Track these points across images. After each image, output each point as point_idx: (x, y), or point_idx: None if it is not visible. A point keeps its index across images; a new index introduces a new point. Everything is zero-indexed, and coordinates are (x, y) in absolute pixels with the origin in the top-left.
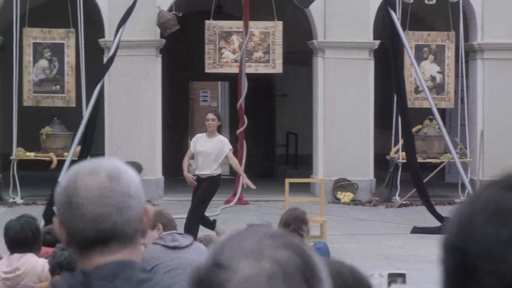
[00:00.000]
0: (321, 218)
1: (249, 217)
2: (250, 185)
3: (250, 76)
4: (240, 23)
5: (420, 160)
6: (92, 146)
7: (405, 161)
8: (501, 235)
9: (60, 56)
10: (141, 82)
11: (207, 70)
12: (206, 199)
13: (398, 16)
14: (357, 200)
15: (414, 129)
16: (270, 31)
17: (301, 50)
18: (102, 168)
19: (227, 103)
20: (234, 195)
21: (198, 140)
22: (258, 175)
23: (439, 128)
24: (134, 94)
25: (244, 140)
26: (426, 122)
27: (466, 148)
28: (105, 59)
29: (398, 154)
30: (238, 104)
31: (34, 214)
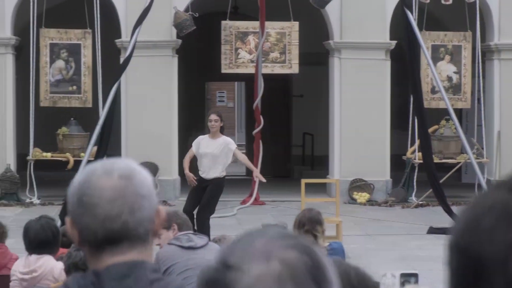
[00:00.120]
0: (337, 218)
1: (265, 217)
2: (261, 178)
3: (266, 76)
4: (256, 24)
5: (436, 160)
6: (108, 146)
7: (421, 161)
8: (507, 237)
9: (76, 56)
10: (157, 83)
11: (223, 71)
12: (211, 204)
13: (414, 16)
14: (373, 200)
15: (431, 129)
16: (287, 32)
17: (317, 50)
18: (115, 168)
19: (244, 104)
20: (251, 196)
21: (201, 141)
22: (274, 176)
23: (456, 128)
24: (150, 95)
25: (260, 140)
26: (443, 122)
27: (483, 148)
28: (121, 60)
29: (414, 154)
30: (254, 104)
31: (50, 214)
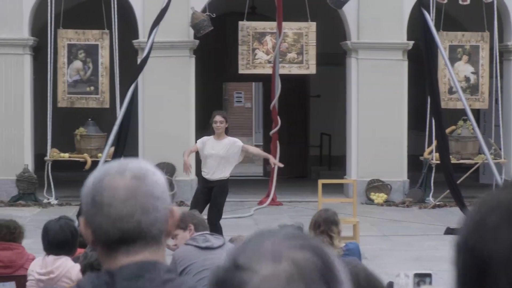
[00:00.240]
0: (354, 219)
1: (282, 218)
2: (278, 164)
3: (284, 77)
4: (273, 24)
5: (454, 161)
6: (125, 147)
7: (438, 162)
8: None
9: (94, 57)
10: (174, 83)
11: (241, 71)
12: (219, 209)
13: (432, 16)
14: (390, 201)
15: (448, 130)
16: (304, 32)
17: (334, 51)
18: (129, 168)
19: (261, 104)
20: (268, 196)
21: (206, 142)
22: (291, 176)
23: (473, 129)
24: (167, 95)
25: (277, 141)
26: (460, 123)
27: (500, 149)
28: (139, 60)
29: (432, 155)
30: (272, 105)
31: (68, 215)
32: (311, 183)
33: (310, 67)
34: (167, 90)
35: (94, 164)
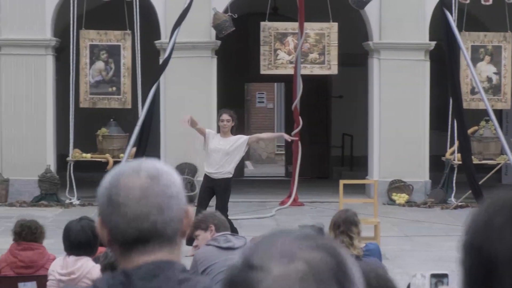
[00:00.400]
0: (375, 219)
1: (303, 218)
2: (290, 138)
3: (306, 77)
4: (295, 25)
5: (476, 161)
6: (147, 147)
7: (460, 162)
8: None
9: (116, 57)
10: (196, 84)
11: (262, 72)
12: (224, 207)
13: (454, 17)
14: (412, 201)
15: (470, 130)
16: (326, 33)
17: (356, 51)
18: (143, 168)
19: (283, 104)
20: (289, 196)
21: (214, 136)
22: (313, 176)
23: (495, 129)
24: (189, 96)
25: (299, 141)
26: (482, 123)
27: None
28: (160, 61)
29: (454, 155)
30: (293, 105)
31: (90, 215)
32: (333, 184)
33: (332, 68)
34: (189, 91)
35: (116, 164)
